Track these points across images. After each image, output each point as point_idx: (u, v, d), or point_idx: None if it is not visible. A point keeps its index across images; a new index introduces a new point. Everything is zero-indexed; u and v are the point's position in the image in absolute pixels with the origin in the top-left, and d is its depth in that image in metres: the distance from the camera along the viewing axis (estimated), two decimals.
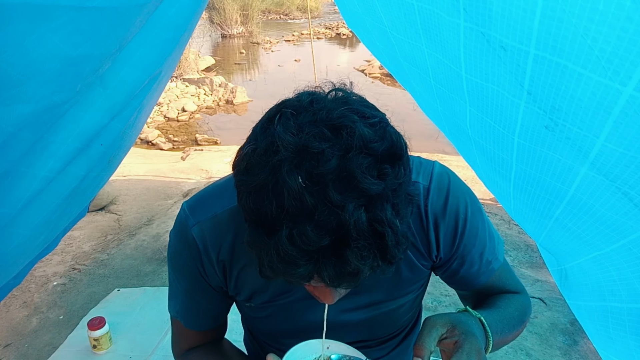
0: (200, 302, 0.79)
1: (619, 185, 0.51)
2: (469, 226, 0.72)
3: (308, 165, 0.44)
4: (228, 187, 0.72)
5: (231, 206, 0.70)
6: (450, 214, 0.70)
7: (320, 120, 0.47)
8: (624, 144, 0.47)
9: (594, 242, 0.67)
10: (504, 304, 0.75)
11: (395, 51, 1.09)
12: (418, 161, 0.72)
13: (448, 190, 0.70)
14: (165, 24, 1.50)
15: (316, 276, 0.48)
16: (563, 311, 2.29)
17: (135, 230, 3.23)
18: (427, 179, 0.70)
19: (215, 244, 0.70)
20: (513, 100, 0.62)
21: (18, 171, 1.21)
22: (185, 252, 0.73)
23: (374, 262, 0.46)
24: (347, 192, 0.43)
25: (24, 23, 0.83)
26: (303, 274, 0.46)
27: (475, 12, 0.57)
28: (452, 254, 0.74)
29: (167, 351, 2.00)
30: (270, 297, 0.75)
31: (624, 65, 0.43)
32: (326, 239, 0.43)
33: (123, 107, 1.57)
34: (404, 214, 0.48)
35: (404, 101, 6.83)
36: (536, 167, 0.69)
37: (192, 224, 0.70)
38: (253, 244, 0.49)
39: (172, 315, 0.83)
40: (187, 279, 0.76)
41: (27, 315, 2.37)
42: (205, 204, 0.72)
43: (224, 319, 0.87)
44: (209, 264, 0.72)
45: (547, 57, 0.50)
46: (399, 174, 0.47)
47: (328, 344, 0.66)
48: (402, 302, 0.78)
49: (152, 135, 5.86)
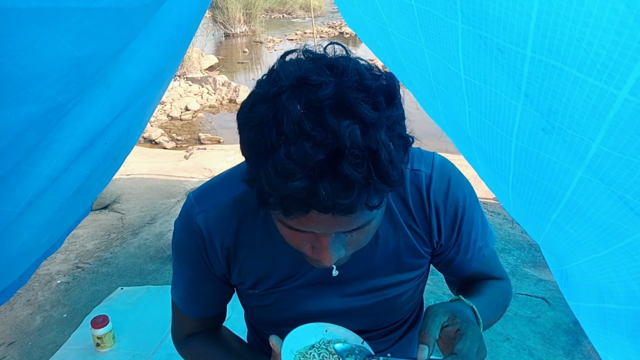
0: (202, 291, 0.81)
1: (614, 189, 0.51)
2: (468, 214, 0.75)
3: (307, 93, 0.47)
4: (232, 177, 0.74)
5: (235, 194, 0.72)
6: (451, 202, 0.73)
7: (319, 59, 0.52)
8: (619, 147, 0.47)
9: (591, 244, 0.67)
10: (490, 290, 0.79)
11: (396, 50, 1.09)
12: (419, 151, 0.75)
13: (449, 179, 0.73)
14: (169, 23, 1.50)
15: (312, 208, 0.49)
16: (566, 311, 2.28)
17: (138, 229, 3.25)
18: (429, 167, 0.73)
19: (220, 231, 0.72)
20: (511, 102, 0.62)
21: (22, 170, 1.22)
22: (189, 240, 0.74)
23: (368, 175, 0.47)
24: (343, 117, 0.46)
25: (35, 26, 0.84)
26: (299, 187, 0.47)
27: (472, 14, 0.58)
28: (451, 241, 0.76)
29: (170, 349, 2.02)
30: (275, 283, 0.76)
31: (619, 69, 0.43)
32: (322, 153, 0.46)
33: (126, 106, 1.58)
34: (397, 157, 0.50)
35: (407, 100, 6.78)
36: (534, 170, 0.69)
37: (197, 212, 0.73)
38: (252, 176, 0.51)
39: (174, 300, 0.85)
40: (191, 267, 0.78)
41: (30, 313, 2.39)
42: (210, 194, 0.74)
43: (223, 308, 0.88)
44: (212, 253, 0.74)
45: (543, 60, 0.50)
46: (393, 111, 0.50)
47: (326, 327, 0.68)
48: (404, 289, 0.79)
49: (156, 134, 5.89)
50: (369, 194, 0.49)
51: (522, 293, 2.43)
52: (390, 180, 0.49)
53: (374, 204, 0.51)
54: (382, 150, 0.47)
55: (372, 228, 0.59)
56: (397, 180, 0.50)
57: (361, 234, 0.59)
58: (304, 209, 0.49)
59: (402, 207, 0.73)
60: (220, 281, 0.79)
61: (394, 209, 0.73)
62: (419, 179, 0.72)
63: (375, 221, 0.58)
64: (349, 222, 0.53)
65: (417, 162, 0.73)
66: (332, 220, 0.52)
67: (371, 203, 0.51)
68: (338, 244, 0.57)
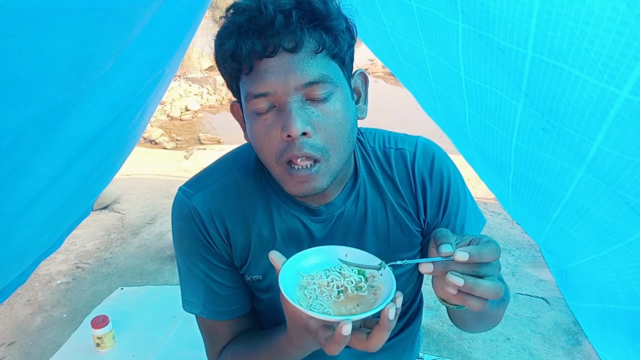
0: (221, 285, 0.78)
1: (615, 189, 0.51)
2: (453, 192, 0.76)
3: None
4: (221, 162, 0.79)
5: (224, 176, 0.76)
6: (436, 178, 0.75)
7: None
8: (620, 147, 0.47)
9: (591, 245, 0.67)
10: None
11: (395, 51, 1.09)
12: (404, 135, 0.79)
13: (433, 156, 0.76)
14: (169, 23, 1.50)
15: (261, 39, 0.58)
16: (566, 311, 2.28)
17: (138, 229, 3.25)
18: (413, 146, 0.76)
19: (216, 209, 0.74)
20: (511, 102, 0.62)
21: (22, 170, 1.22)
22: (189, 227, 0.74)
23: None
24: None
25: (37, 27, 0.84)
26: (243, 19, 0.57)
27: (473, 14, 0.58)
28: (437, 220, 0.77)
29: (170, 349, 2.01)
30: (268, 264, 0.72)
31: (620, 69, 0.43)
32: None
33: (126, 106, 1.58)
34: (341, 36, 0.61)
35: (407, 100, 6.81)
36: (534, 170, 0.69)
37: (191, 195, 0.74)
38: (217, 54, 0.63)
39: (198, 313, 0.81)
40: (199, 257, 0.76)
41: (31, 313, 2.39)
42: (200, 179, 0.77)
43: (247, 303, 0.83)
44: (214, 231, 0.74)
45: (544, 60, 0.50)
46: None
47: (346, 252, 0.62)
48: (399, 272, 0.79)
49: (156, 134, 5.89)
50: (305, 30, 0.58)
51: (522, 293, 2.43)
52: (319, 11, 0.57)
53: (314, 47, 0.59)
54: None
55: (335, 110, 0.61)
56: (329, 17, 0.59)
57: (325, 113, 0.60)
58: (255, 44, 0.57)
59: (390, 184, 0.76)
60: (232, 267, 0.78)
61: (382, 184, 0.75)
62: (404, 157, 0.76)
63: (336, 100, 0.62)
64: (301, 68, 0.58)
65: (401, 142, 0.77)
66: (283, 68, 0.58)
67: (311, 44, 0.59)
68: (302, 114, 0.59)
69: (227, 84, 0.68)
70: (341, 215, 0.75)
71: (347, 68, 0.66)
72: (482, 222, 0.83)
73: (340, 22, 0.62)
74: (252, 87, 0.60)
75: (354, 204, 0.75)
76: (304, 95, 0.60)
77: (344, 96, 0.63)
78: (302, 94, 0.60)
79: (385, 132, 0.80)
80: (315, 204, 0.74)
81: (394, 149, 0.76)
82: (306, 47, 0.59)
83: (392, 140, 0.78)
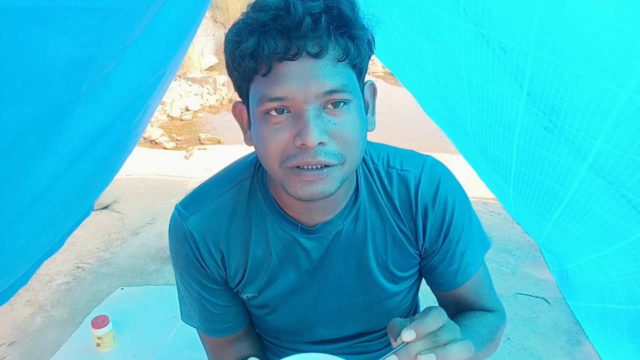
0: (214, 304, 0.79)
1: (617, 188, 0.51)
2: (456, 220, 0.74)
3: None
4: (216, 180, 0.77)
5: (221, 194, 0.74)
6: (439, 205, 0.72)
7: None
8: (622, 145, 0.47)
9: (593, 244, 0.66)
10: (470, 322, 0.76)
11: (396, 51, 1.09)
12: (410, 153, 0.76)
13: (439, 181, 0.73)
14: (170, 24, 1.50)
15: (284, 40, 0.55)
16: (566, 311, 2.28)
17: (138, 229, 3.25)
18: (419, 168, 0.73)
19: (211, 231, 0.73)
20: (513, 101, 0.62)
21: (23, 170, 1.22)
22: (184, 247, 0.74)
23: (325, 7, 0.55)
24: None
25: (34, 26, 0.84)
26: (266, 17, 0.54)
27: (475, 13, 0.58)
28: (436, 246, 0.75)
29: (170, 349, 2.01)
30: (267, 281, 0.75)
31: (622, 67, 0.43)
32: None
33: (127, 106, 1.58)
34: (363, 47, 0.60)
35: (407, 100, 6.81)
36: (535, 169, 0.69)
37: (187, 217, 0.74)
38: (229, 54, 0.62)
39: (195, 327, 0.83)
40: (193, 278, 0.77)
41: (31, 313, 2.39)
42: (195, 199, 0.76)
43: (243, 319, 0.84)
44: (207, 255, 0.74)
45: (546, 59, 0.50)
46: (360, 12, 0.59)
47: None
48: (396, 289, 0.79)
49: (156, 134, 5.88)
50: (332, 36, 0.56)
51: (522, 293, 2.43)
52: (347, 18, 0.56)
53: (338, 55, 0.57)
54: None
55: (350, 119, 0.60)
56: (356, 25, 0.57)
57: (341, 122, 0.59)
58: (278, 44, 0.54)
59: (390, 206, 0.74)
60: (226, 287, 0.78)
61: (382, 205, 0.74)
62: (407, 180, 0.72)
63: (352, 109, 0.60)
64: (323, 75, 0.56)
65: (407, 162, 0.74)
66: (305, 73, 0.55)
67: (336, 52, 0.57)
68: (319, 122, 0.57)
69: (236, 83, 0.65)
70: (339, 234, 0.73)
71: (362, 79, 0.65)
72: (487, 245, 0.81)
73: (365, 32, 0.60)
74: (269, 89, 0.57)
75: (353, 222, 0.73)
76: (321, 103, 0.58)
77: (358, 106, 0.62)
78: (321, 102, 0.57)
79: (391, 150, 0.77)
80: (312, 222, 0.72)
81: (397, 170, 0.73)
82: (330, 54, 0.56)
83: (397, 159, 0.75)
